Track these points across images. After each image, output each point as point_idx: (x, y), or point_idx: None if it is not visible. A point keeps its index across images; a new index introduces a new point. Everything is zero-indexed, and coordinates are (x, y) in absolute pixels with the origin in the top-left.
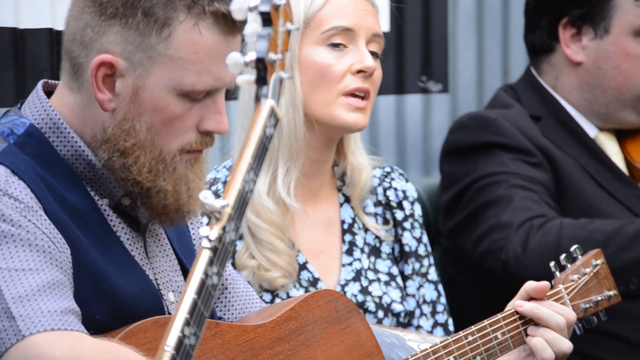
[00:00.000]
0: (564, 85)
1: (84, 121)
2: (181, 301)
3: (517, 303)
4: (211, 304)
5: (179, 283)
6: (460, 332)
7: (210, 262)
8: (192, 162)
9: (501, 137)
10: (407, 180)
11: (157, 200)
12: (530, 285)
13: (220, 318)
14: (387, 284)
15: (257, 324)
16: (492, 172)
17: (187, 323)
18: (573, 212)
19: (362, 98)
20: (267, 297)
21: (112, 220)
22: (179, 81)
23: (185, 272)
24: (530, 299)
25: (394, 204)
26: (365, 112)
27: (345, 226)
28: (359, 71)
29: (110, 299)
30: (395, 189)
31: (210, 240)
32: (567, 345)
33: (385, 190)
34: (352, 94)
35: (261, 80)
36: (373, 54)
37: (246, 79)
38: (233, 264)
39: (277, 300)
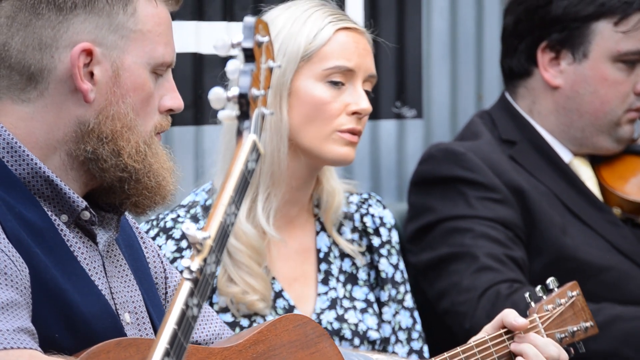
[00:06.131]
0: (541, 109)
1: (48, 127)
2: (161, 331)
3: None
4: (190, 336)
5: (136, 304)
6: (433, 359)
7: (191, 294)
8: (160, 144)
9: (468, 173)
10: (384, 207)
11: (145, 182)
12: (508, 320)
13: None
14: (363, 311)
15: (224, 347)
16: (459, 214)
17: (167, 353)
18: (541, 244)
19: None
20: (245, 322)
21: (69, 239)
22: (152, 54)
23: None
24: (504, 326)
25: (370, 231)
26: (355, 146)
27: (321, 255)
28: (354, 112)
29: (68, 317)
30: (373, 215)
31: (191, 272)
32: None
33: (362, 216)
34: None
35: (243, 115)
36: (367, 92)
37: (227, 114)
38: (214, 290)
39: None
